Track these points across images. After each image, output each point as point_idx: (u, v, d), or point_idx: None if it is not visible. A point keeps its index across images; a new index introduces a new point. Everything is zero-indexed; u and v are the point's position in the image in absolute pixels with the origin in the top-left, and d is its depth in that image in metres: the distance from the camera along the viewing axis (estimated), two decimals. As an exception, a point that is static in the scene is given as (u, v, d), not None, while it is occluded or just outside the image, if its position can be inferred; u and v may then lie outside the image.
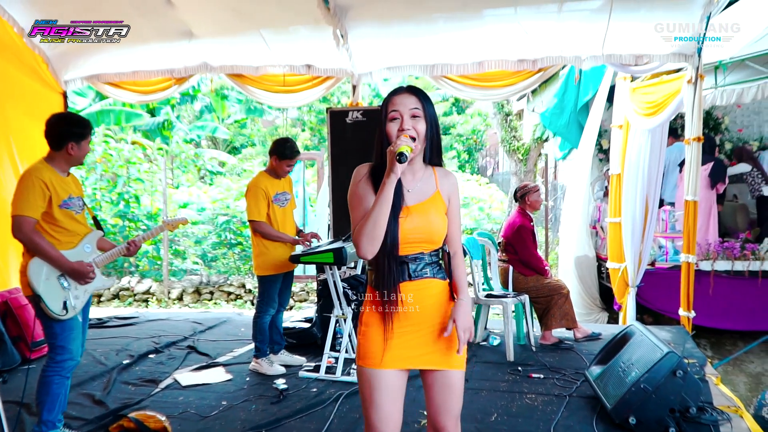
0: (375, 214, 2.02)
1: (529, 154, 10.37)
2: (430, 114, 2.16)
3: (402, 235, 2.12)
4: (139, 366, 4.87)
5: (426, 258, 2.18)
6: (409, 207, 2.15)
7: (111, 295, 9.50)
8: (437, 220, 2.18)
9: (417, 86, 2.22)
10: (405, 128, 2.09)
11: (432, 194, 2.21)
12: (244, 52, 6.41)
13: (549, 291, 5.35)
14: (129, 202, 9.93)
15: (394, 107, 2.13)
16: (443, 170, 2.28)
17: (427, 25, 5.77)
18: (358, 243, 2.05)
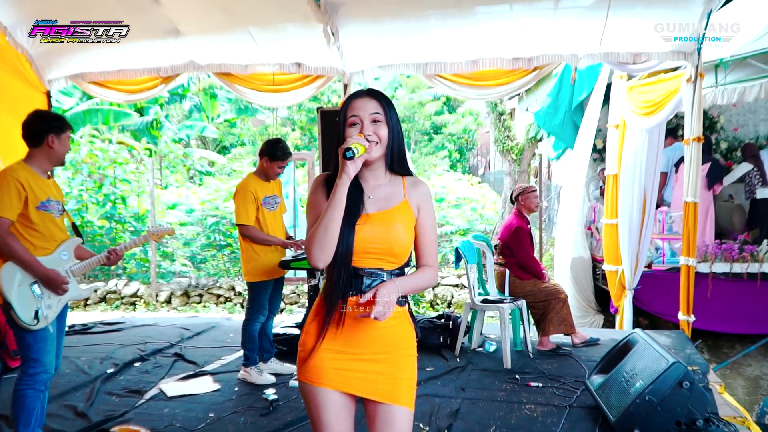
0: (326, 219, 1.86)
1: (522, 154, 10.25)
2: (392, 119, 2.01)
3: (358, 244, 1.95)
4: (123, 375, 4.70)
5: (384, 276, 1.99)
6: (369, 215, 1.98)
7: (98, 298, 9.29)
8: (400, 231, 1.99)
9: (378, 90, 2.07)
10: (365, 133, 1.94)
11: (398, 203, 2.03)
12: (233, 51, 6.23)
13: (546, 296, 5.21)
14: (115, 203, 9.72)
15: (354, 112, 1.97)
16: (413, 179, 2.10)
17: (420, 22, 5.62)
18: (308, 249, 1.90)
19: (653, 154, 6.50)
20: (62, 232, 3.32)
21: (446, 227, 11.08)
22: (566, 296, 5.25)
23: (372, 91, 2.03)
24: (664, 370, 3.46)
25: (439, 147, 18.60)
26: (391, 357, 2.01)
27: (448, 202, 12.09)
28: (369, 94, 2.01)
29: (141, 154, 10.99)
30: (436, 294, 9.30)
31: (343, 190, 1.85)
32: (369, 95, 2.01)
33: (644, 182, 6.53)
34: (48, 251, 3.21)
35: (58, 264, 3.24)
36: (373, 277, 1.97)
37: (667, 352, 3.61)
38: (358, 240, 1.94)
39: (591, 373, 4.17)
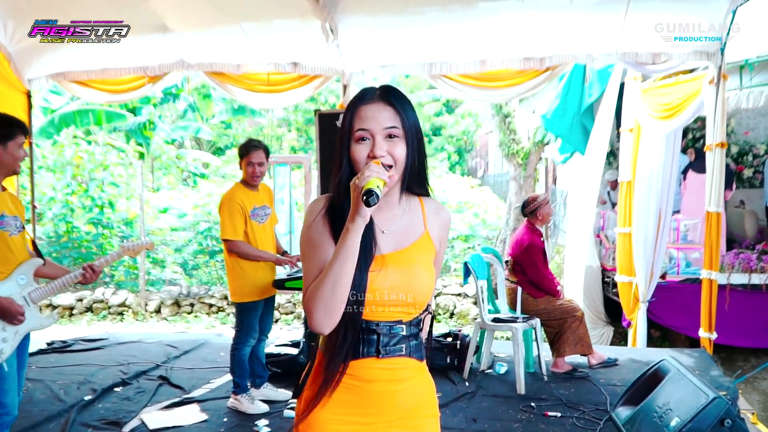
0: (333, 274, 1.44)
1: (528, 158, 9.88)
2: (411, 130, 1.57)
3: (372, 296, 1.54)
4: (102, 402, 4.29)
5: (404, 329, 1.59)
6: (384, 256, 1.56)
7: (84, 308, 8.88)
8: (424, 274, 1.59)
9: (394, 88, 1.61)
10: (378, 155, 1.51)
11: (419, 237, 1.62)
12: (224, 49, 5.85)
13: (561, 314, 4.84)
14: (103, 207, 9.31)
15: (363, 124, 1.53)
16: (433, 202, 1.68)
17: (425, 19, 5.24)
18: (310, 312, 1.47)
19: (669, 160, 6.15)
20: (19, 252, 2.93)
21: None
22: (582, 314, 4.87)
23: (386, 93, 1.57)
24: (703, 407, 3.09)
25: (438, 149, 18.24)
26: (413, 422, 1.63)
27: (449, 206, 11.73)
28: (382, 97, 1.56)
29: (130, 156, 10.57)
30: (438, 303, 8.93)
31: (356, 237, 1.44)
32: (382, 100, 1.55)
33: (660, 189, 6.17)
34: (2, 275, 2.83)
35: (13, 291, 2.85)
36: (392, 334, 1.58)
37: (705, 385, 3.24)
38: (371, 291, 1.53)
39: (616, 404, 3.78)
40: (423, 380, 1.67)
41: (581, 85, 7.74)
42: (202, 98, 15.49)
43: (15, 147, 2.87)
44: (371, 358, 1.57)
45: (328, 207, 1.59)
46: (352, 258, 1.44)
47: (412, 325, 1.61)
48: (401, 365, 1.60)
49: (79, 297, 8.88)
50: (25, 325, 2.87)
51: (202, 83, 14.44)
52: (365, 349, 1.57)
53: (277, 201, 8.26)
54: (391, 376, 1.59)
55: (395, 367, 1.59)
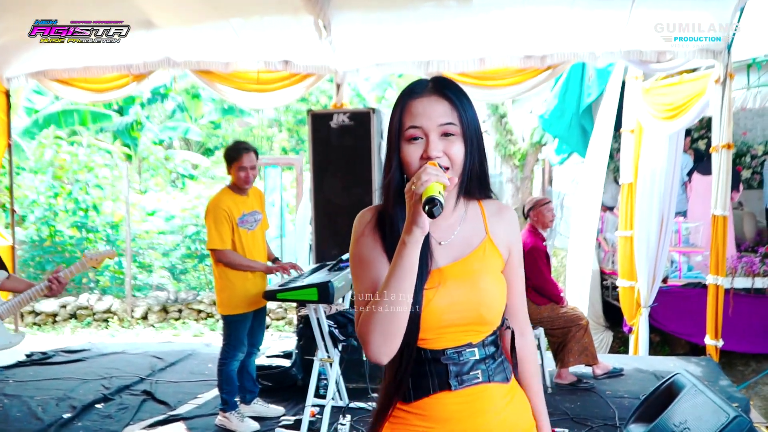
0: (390, 294, 1.24)
1: (525, 160, 9.69)
2: (470, 127, 1.37)
3: (430, 318, 1.33)
4: (82, 420, 4.04)
5: (476, 351, 1.38)
6: (441, 270, 1.36)
7: (67, 314, 8.60)
8: (491, 285, 1.39)
9: (448, 79, 1.41)
10: (433, 155, 1.31)
11: (479, 243, 1.42)
12: (213, 46, 5.62)
13: (565, 322, 4.63)
14: (87, 210, 9.03)
15: (414, 121, 1.33)
16: (494, 203, 1.48)
17: (421, 15, 5.03)
18: (366, 339, 1.28)
19: (672, 161, 5.98)
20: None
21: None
22: (587, 323, 4.68)
23: (439, 85, 1.37)
24: (724, 425, 2.90)
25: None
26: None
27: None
28: (435, 90, 1.36)
29: (115, 157, 10.28)
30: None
31: (414, 251, 1.24)
32: (436, 92, 1.36)
33: (663, 191, 6.00)
34: None
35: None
36: (462, 361, 1.37)
37: (724, 401, 3.05)
38: (429, 312, 1.33)
39: (628, 420, 3.58)
40: (515, 404, 1.45)
41: (580, 85, 7.55)
42: (191, 98, 15.22)
43: None
44: (444, 392, 1.36)
45: (377, 219, 1.40)
46: (411, 275, 1.25)
47: (485, 345, 1.40)
48: (481, 395, 1.38)
49: (62, 303, 8.61)
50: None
51: (191, 84, 14.19)
52: (435, 383, 1.36)
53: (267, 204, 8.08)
54: (470, 409, 1.37)
55: (474, 399, 1.38)
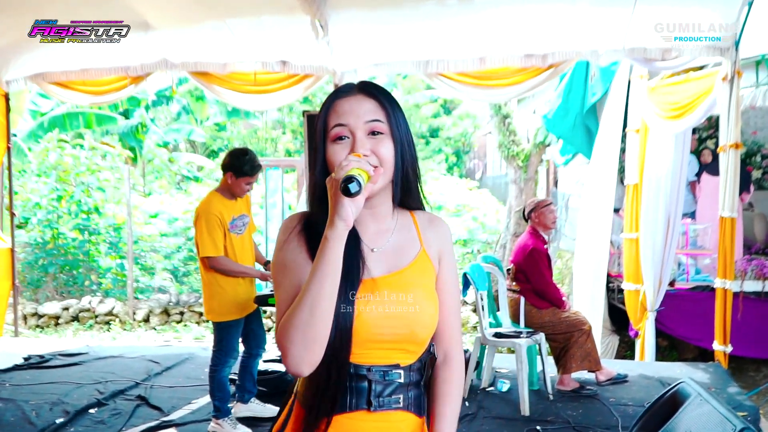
0: (311, 296, 1.14)
1: (529, 160, 9.58)
2: (400, 128, 1.30)
3: (361, 330, 1.24)
4: (75, 426, 3.97)
5: (402, 375, 1.29)
6: (375, 280, 1.28)
7: (70, 317, 8.57)
8: (427, 303, 1.30)
9: (375, 83, 1.35)
10: (359, 152, 1.24)
11: (414, 257, 1.34)
12: (209, 47, 5.57)
13: (568, 327, 4.52)
14: (89, 213, 8.99)
15: (340, 119, 1.26)
16: (425, 214, 1.41)
17: (420, 13, 4.96)
18: (284, 347, 1.16)
19: (679, 162, 5.85)
20: None
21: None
22: (590, 328, 4.56)
23: (367, 86, 1.32)
24: (729, 438, 2.78)
25: (436, 151, 17.93)
26: None
27: (447, 210, 11.44)
28: (363, 90, 1.30)
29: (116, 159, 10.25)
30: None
31: (337, 247, 1.15)
32: (363, 92, 1.30)
33: (669, 192, 5.87)
34: None
35: None
36: (386, 381, 1.27)
37: (731, 412, 2.93)
38: (361, 323, 1.23)
39: (630, 430, 3.47)
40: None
41: (584, 84, 7.42)
42: (196, 100, 15.19)
43: None
44: (361, 411, 1.26)
45: (303, 224, 1.30)
46: (333, 275, 1.15)
47: (412, 370, 1.31)
48: (398, 422, 1.30)
49: (65, 306, 8.58)
50: None
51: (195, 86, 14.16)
52: (353, 401, 1.26)
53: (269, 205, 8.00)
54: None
55: (390, 425, 1.29)
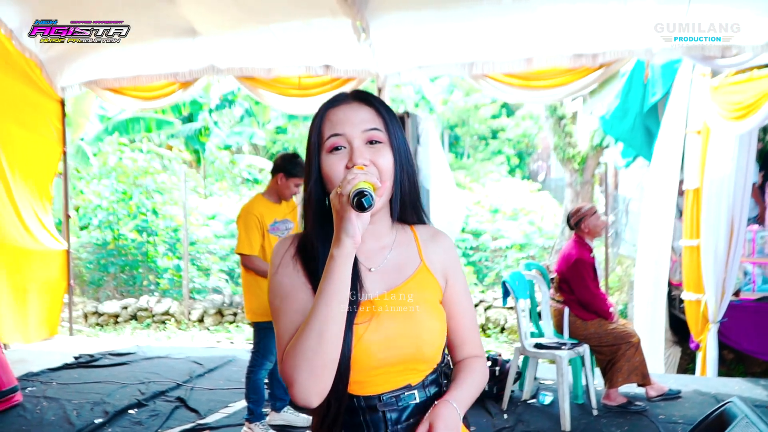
0: (319, 321, 1.08)
1: (585, 163, 9.26)
2: (398, 138, 1.23)
3: (362, 356, 1.17)
4: (112, 426, 4.05)
5: (416, 394, 1.22)
6: (373, 300, 1.20)
7: (128, 316, 8.83)
8: (431, 318, 1.23)
9: (370, 92, 1.28)
10: (358, 163, 1.16)
11: (414, 271, 1.26)
12: (255, 52, 5.63)
13: (615, 339, 4.30)
14: (147, 214, 9.26)
15: (335, 128, 1.20)
16: (427, 228, 1.34)
17: (464, 14, 4.84)
18: (290, 377, 1.10)
19: (743, 165, 5.50)
20: None
21: (501, 241, 10.20)
22: (638, 340, 4.32)
23: (362, 94, 1.26)
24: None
25: (496, 152, 17.65)
26: None
27: (504, 213, 11.19)
28: (358, 98, 1.24)
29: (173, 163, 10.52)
30: (488, 317, 8.44)
31: (345, 266, 1.09)
32: (358, 100, 1.24)
33: (733, 197, 5.53)
34: None
35: None
36: (401, 407, 1.21)
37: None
38: (360, 350, 1.17)
39: (673, 452, 3.27)
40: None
41: (644, 84, 7.10)
42: (256, 103, 15.45)
43: None
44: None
45: (298, 246, 1.24)
46: (341, 296, 1.09)
47: (426, 386, 1.24)
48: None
49: (123, 305, 8.84)
50: None
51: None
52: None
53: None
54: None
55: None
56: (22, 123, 5.77)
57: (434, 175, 4.74)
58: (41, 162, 6.09)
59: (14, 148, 5.63)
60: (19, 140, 5.68)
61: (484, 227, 10.67)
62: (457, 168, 17.10)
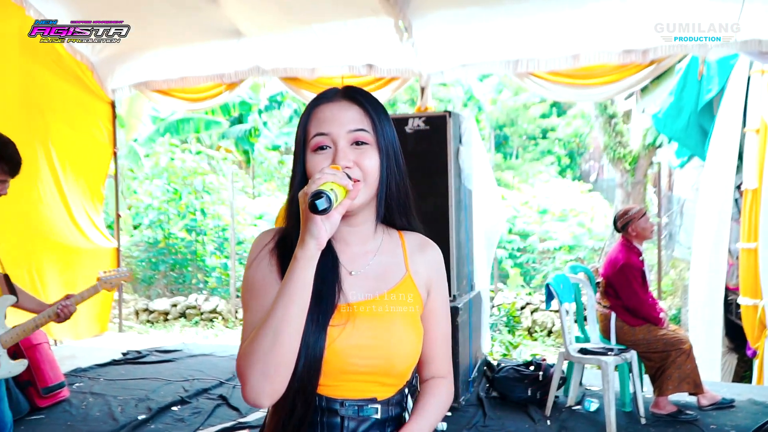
0: (275, 320, 1.05)
1: (637, 163, 8.98)
2: (386, 137, 1.19)
3: (333, 359, 1.14)
4: (155, 423, 4.11)
5: (379, 409, 1.19)
6: (351, 305, 1.17)
7: (178, 313, 9.01)
8: (408, 332, 1.19)
9: (360, 88, 1.24)
10: (341, 165, 1.13)
11: (399, 281, 1.23)
12: (298, 53, 5.64)
13: (665, 345, 4.14)
14: (194, 214, 9.43)
15: (321, 127, 1.17)
16: (416, 236, 1.30)
17: (509, 11, 4.76)
18: (243, 374, 1.08)
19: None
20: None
21: (548, 243, 10.00)
22: (690, 347, 4.15)
23: (351, 91, 1.22)
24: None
25: (545, 152, 17.35)
26: None
27: (552, 214, 10.97)
28: (347, 95, 1.21)
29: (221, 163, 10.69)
30: (534, 320, 8.29)
31: (307, 268, 1.06)
32: (347, 98, 1.20)
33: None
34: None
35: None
36: (361, 417, 1.17)
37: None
38: (332, 353, 1.14)
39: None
40: None
41: (699, 80, 6.84)
42: (303, 104, 15.60)
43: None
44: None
45: (277, 241, 1.21)
46: (300, 298, 1.06)
47: (390, 404, 1.20)
48: None
49: (173, 303, 9.04)
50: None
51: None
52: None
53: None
54: None
55: None
56: (74, 125, 5.93)
57: (477, 175, 4.66)
58: (93, 163, 6.25)
59: (67, 149, 5.79)
60: (71, 142, 5.84)
61: (531, 228, 10.49)
62: (506, 168, 16.88)
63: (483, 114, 16.81)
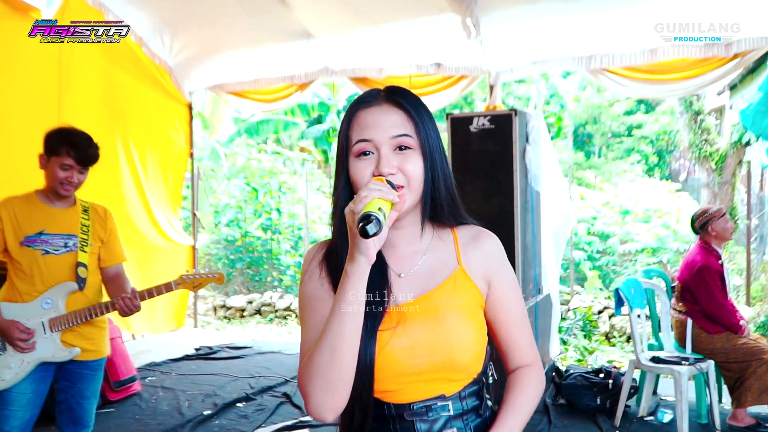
0: (332, 336, 1.05)
1: (725, 162, 8.48)
2: (430, 140, 1.15)
3: (388, 363, 1.12)
4: (220, 419, 4.22)
5: (450, 406, 1.15)
6: (401, 307, 1.14)
7: (253, 310, 9.23)
8: (463, 324, 1.15)
9: (403, 88, 1.19)
10: (385, 172, 1.10)
11: (449, 275, 1.19)
12: (366, 53, 5.68)
13: (744, 355, 3.88)
14: (270, 213, 9.65)
15: (363, 133, 1.14)
16: (471, 229, 1.25)
17: (581, 5, 4.61)
18: (305, 391, 1.08)
19: None
20: (58, 274, 2.59)
21: (630, 245, 9.60)
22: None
23: (392, 93, 1.18)
24: None
25: (630, 150, 16.69)
26: None
27: (635, 215, 10.52)
28: (389, 98, 1.17)
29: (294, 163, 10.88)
30: (612, 325, 7.96)
31: (359, 282, 1.06)
32: (388, 101, 1.17)
33: None
34: (29, 297, 2.56)
35: (33, 314, 2.55)
36: (431, 418, 1.15)
37: None
38: (385, 357, 1.12)
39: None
40: None
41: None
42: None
43: (57, 164, 2.54)
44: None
45: (325, 253, 1.21)
46: (355, 313, 1.06)
47: (463, 398, 1.17)
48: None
49: (249, 300, 9.25)
50: (34, 354, 2.53)
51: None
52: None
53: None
54: None
55: None
56: (153, 127, 6.19)
57: (545, 176, 4.51)
58: (171, 163, 6.50)
59: (146, 150, 6.04)
60: (150, 143, 6.09)
61: (612, 230, 10.10)
62: (587, 167, 16.37)
63: (566, 111, 16.36)
